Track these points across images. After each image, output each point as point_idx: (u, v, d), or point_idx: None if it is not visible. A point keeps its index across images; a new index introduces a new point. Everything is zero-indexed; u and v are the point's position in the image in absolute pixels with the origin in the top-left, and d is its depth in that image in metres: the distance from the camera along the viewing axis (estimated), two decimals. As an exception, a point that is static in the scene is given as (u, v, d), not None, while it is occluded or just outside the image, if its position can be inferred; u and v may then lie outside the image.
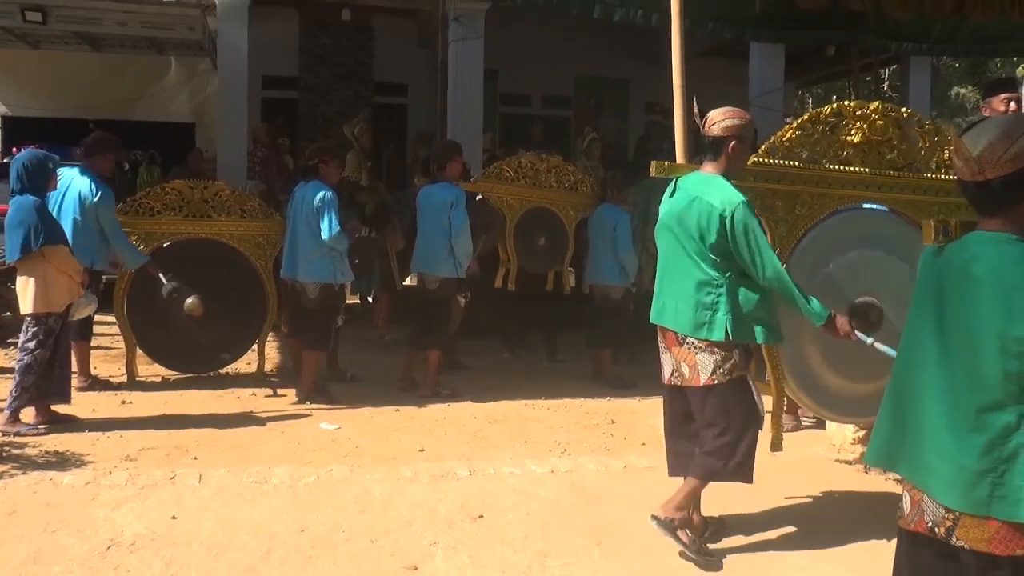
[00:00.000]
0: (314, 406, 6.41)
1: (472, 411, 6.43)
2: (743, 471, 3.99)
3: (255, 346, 7.19)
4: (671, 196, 4.04)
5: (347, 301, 7.89)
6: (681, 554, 3.92)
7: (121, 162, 11.49)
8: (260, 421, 6.02)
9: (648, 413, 6.35)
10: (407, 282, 8.55)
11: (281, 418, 6.10)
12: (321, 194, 6.46)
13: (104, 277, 6.87)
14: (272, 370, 7.44)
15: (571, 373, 7.76)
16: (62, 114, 13.49)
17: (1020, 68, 19.57)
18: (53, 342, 5.64)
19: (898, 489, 4.44)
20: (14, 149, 14.63)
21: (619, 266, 7.44)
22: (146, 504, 4.36)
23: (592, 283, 7.73)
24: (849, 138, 4.21)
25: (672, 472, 4.25)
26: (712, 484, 4.07)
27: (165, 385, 6.94)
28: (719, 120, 3.92)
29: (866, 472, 5.15)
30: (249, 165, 10.55)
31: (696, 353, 3.90)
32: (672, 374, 4.06)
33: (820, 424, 5.73)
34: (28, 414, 5.67)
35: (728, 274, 3.83)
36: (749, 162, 4.17)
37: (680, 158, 6.28)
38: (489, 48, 11.47)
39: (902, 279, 3.98)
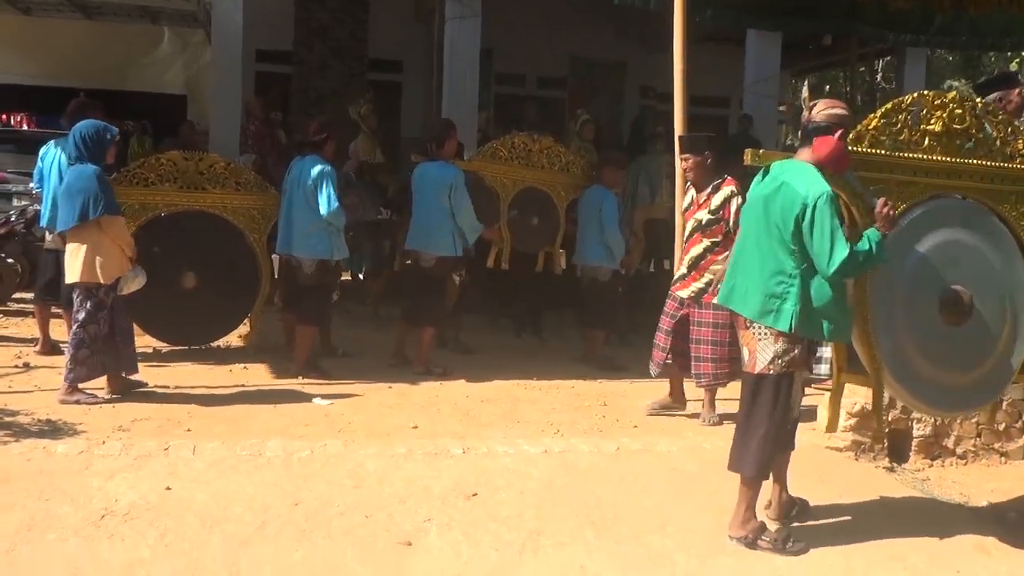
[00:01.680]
0: (307, 381, 6.40)
1: (465, 390, 6.44)
2: (760, 467, 3.99)
3: (248, 319, 7.17)
4: (761, 180, 4.04)
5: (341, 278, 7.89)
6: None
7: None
8: (253, 395, 6.01)
9: (639, 396, 6.39)
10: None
11: (274, 392, 6.09)
12: (320, 168, 6.42)
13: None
14: (265, 344, 7.42)
15: (562, 354, 7.78)
16: (52, 82, 13.34)
17: (1014, 63, 19.62)
18: (108, 315, 5.65)
19: (885, 475, 4.44)
20: (3, 117, 14.52)
21: (606, 247, 7.44)
22: (140, 474, 4.36)
23: (580, 264, 7.76)
24: (930, 127, 4.23)
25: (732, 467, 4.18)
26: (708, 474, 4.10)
27: (156, 357, 6.91)
28: (823, 109, 3.92)
29: (856, 460, 5.21)
30: (242, 139, 10.47)
31: (759, 340, 3.92)
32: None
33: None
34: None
35: (804, 265, 3.81)
36: None
37: (678, 143, 6.32)
38: (485, 27, 11.39)
39: (988, 268, 4.06)
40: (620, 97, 15.69)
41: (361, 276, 9.49)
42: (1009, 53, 18.31)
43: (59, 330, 7.08)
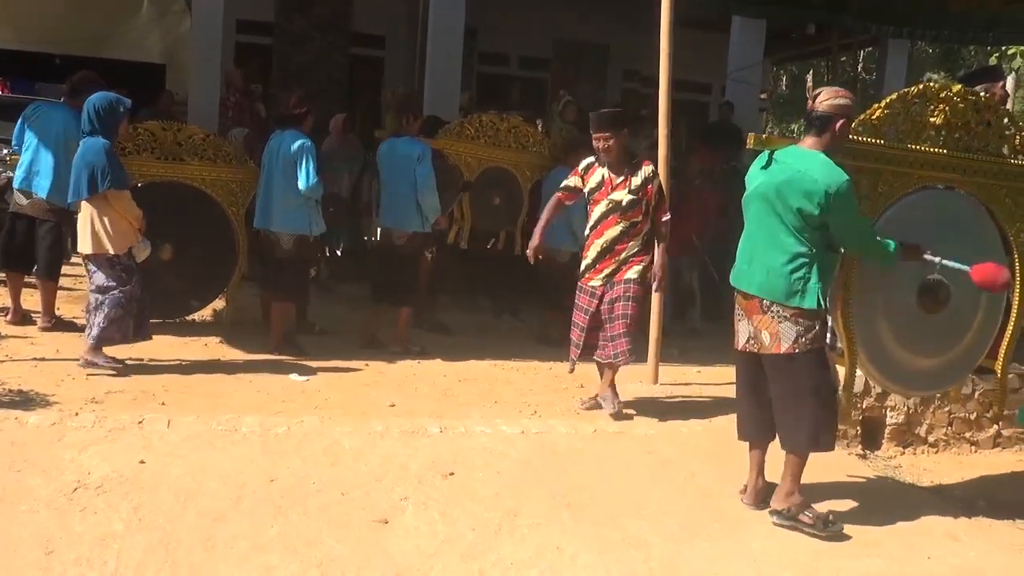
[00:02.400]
0: (283, 357, 6.36)
1: (442, 369, 6.42)
2: (827, 441, 4.09)
3: (224, 293, 7.11)
4: (764, 167, 4.08)
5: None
6: (808, 533, 3.99)
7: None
8: (228, 369, 5.96)
9: (617, 380, 6.39)
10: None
11: (250, 367, 6.05)
12: (299, 143, 6.36)
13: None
14: (242, 319, 7.35)
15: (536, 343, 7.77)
16: (27, 47, 13.09)
17: (993, 57, 19.75)
18: (139, 279, 5.74)
19: (858, 461, 4.47)
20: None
21: (568, 228, 7.33)
22: (113, 447, 4.31)
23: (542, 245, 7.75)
24: (932, 119, 4.26)
25: (742, 436, 4.36)
26: (676, 458, 4.12)
27: (131, 329, 6.82)
28: (829, 98, 3.97)
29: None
30: (221, 111, 10.35)
31: (780, 322, 3.98)
32: (748, 341, 4.15)
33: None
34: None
35: (819, 246, 3.93)
36: None
37: (662, 125, 6.32)
38: (469, 6, 11.31)
39: (968, 258, 4.09)
40: (603, 80, 15.66)
41: (339, 252, 9.43)
42: (989, 47, 18.44)
43: (31, 300, 6.99)
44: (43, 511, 3.62)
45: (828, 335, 4.08)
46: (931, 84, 4.33)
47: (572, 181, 5.55)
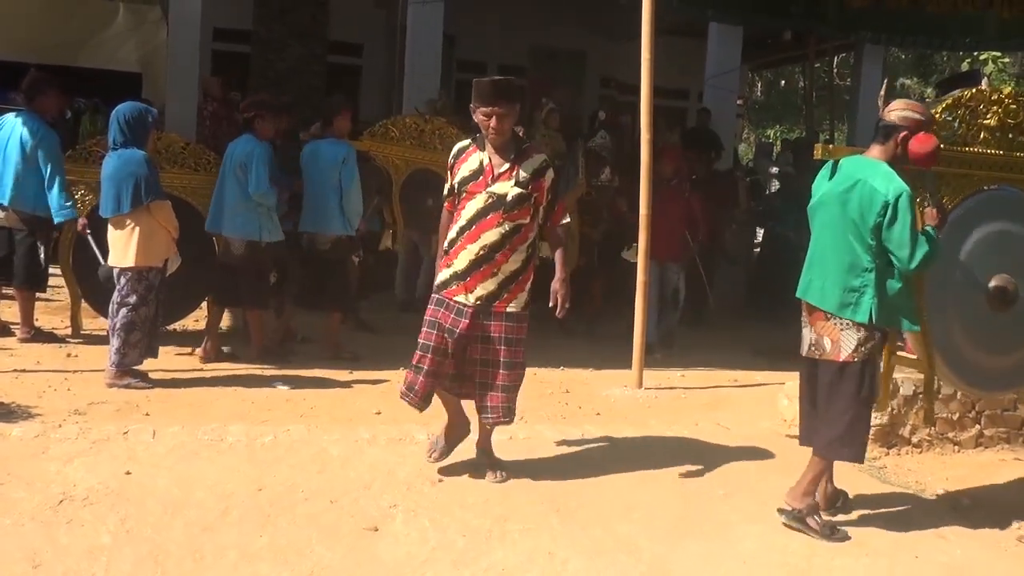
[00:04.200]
0: (266, 365, 6.32)
1: (426, 376, 6.40)
2: (858, 449, 4.12)
3: (206, 302, 7.05)
4: (830, 177, 4.13)
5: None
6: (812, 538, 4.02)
7: (63, 109, 11.12)
8: (213, 379, 5.93)
9: (601, 384, 6.42)
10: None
11: (233, 376, 6.01)
12: (250, 148, 6.27)
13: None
14: (223, 328, 7.30)
15: (529, 343, 7.76)
16: (1, 57, 12.97)
17: (965, 63, 20.00)
18: (156, 298, 5.66)
19: (843, 463, 4.51)
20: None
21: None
22: (98, 459, 4.27)
23: None
24: (986, 121, 4.32)
25: (803, 442, 4.35)
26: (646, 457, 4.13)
27: (111, 339, 6.76)
28: (899, 109, 4.04)
29: (815, 448, 5.28)
30: (199, 119, 10.29)
31: (842, 330, 4.02)
32: (810, 348, 4.17)
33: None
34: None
35: (880, 259, 3.95)
36: None
37: (644, 131, 6.36)
38: (447, 13, 11.32)
39: None
40: (580, 87, 15.72)
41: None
42: (961, 53, 18.66)
43: (9, 311, 6.92)
44: (28, 524, 3.58)
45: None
46: (983, 89, 4.41)
47: (448, 180, 4.36)
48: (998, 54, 18.47)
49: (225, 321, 7.15)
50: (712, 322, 9.03)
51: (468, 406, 4.48)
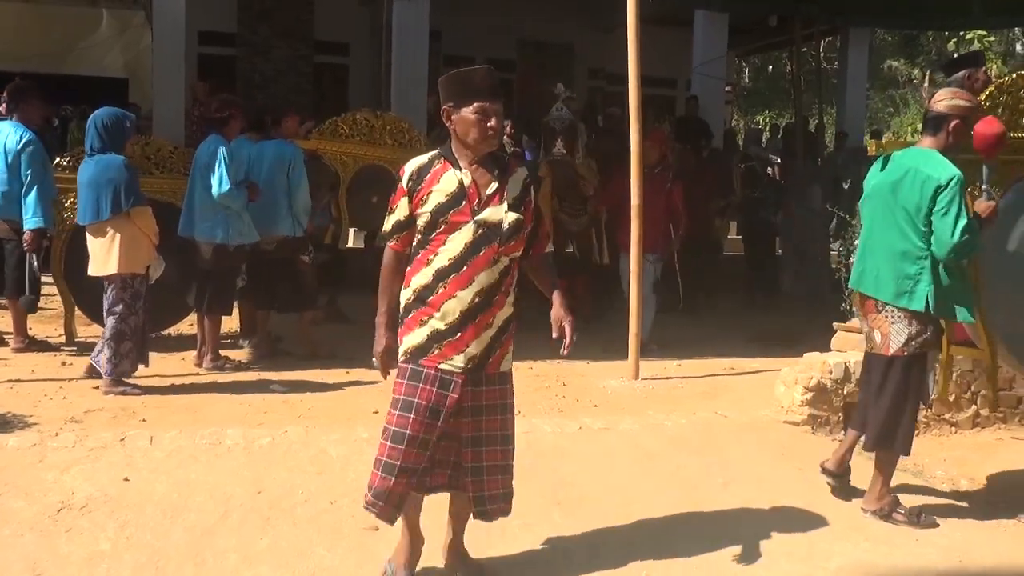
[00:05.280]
0: (262, 368, 6.31)
1: (423, 374, 6.39)
2: (907, 444, 4.15)
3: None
4: (882, 169, 4.15)
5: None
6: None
7: (50, 117, 11.09)
8: (208, 383, 5.92)
9: (597, 376, 6.43)
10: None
11: (229, 380, 6.01)
12: (215, 148, 6.17)
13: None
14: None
15: (524, 336, 7.75)
16: (-14, 65, 12.92)
17: (951, 43, 20.02)
18: (144, 305, 5.61)
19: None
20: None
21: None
22: (96, 466, 4.26)
23: None
24: None
25: (851, 425, 4.43)
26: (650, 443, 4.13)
27: (106, 346, 6.74)
28: (946, 98, 4.04)
29: (813, 433, 5.29)
30: (187, 123, 10.27)
31: (892, 323, 4.03)
32: (867, 340, 4.21)
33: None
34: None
35: (931, 247, 3.94)
36: None
37: (634, 122, 6.35)
38: (433, 9, 11.32)
39: None
40: (569, 79, 15.70)
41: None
42: (947, 33, 18.69)
43: (1, 322, 6.90)
44: (28, 534, 3.57)
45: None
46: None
47: (401, 207, 3.23)
48: (984, 33, 18.52)
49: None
50: (703, 311, 9.03)
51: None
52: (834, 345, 5.94)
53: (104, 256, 5.53)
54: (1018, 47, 22.00)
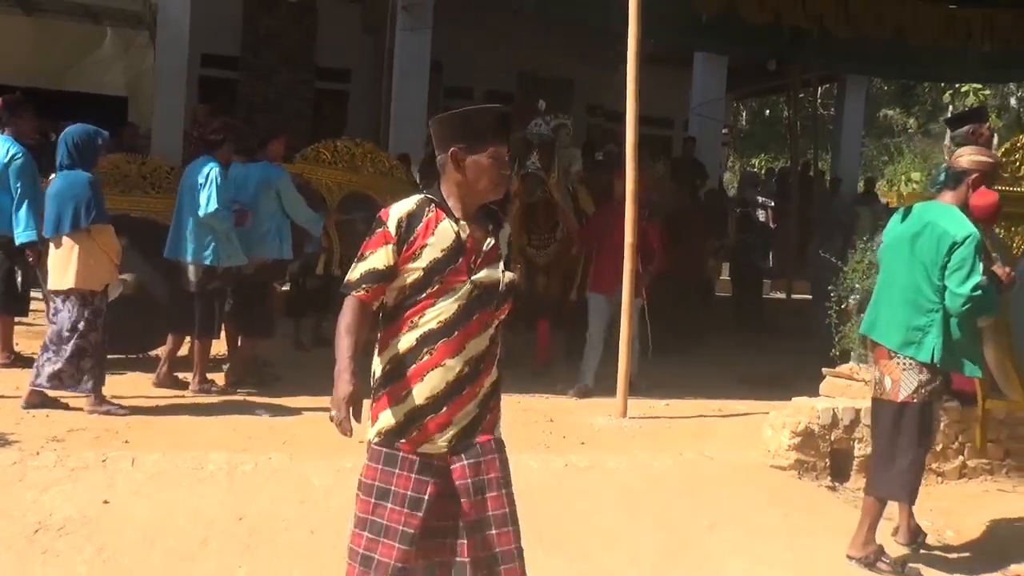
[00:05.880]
0: (249, 392, 6.28)
1: (410, 404, 6.36)
2: (914, 492, 4.21)
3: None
4: (902, 220, 4.26)
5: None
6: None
7: (47, 132, 11.09)
8: (194, 406, 5.87)
9: (585, 413, 6.40)
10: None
11: (215, 403, 5.97)
12: (206, 169, 6.14)
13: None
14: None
15: (508, 371, 7.74)
16: (-13, 79, 12.95)
17: (947, 94, 20.28)
18: (104, 323, 5.57)
19: (828, 493, 4.51)
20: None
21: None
22: (76, 487, 4.21)
23: None
24: None
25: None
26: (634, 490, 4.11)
27: (92, 365, 6.70)
28: (967, 154, 4.16)
29: (799, 479, 5.27)
30: (185, 145, 10.29)
31: (904, 370, 4.09)
32: (875, 386, 4.27)
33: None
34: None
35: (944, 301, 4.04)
36: None
37: (630, 159, 6.38)
38: (435, 40, 11.42)
39: None
40: (568, 114, 15.80)
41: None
42: (944, 84, 18.91)
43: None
44: (3, 554, 3.53)
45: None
46: None
47: (380, 256, 2.76)
48: (979, 86, 18.76)
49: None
50: (694, 350, 9.02)
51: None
52: (823, 390, 5.93)
53: (61, 271, 5.49)
54: (1012, 101, 22.27)
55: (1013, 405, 4.64)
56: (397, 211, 2.78)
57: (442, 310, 2.76)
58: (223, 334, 6.76)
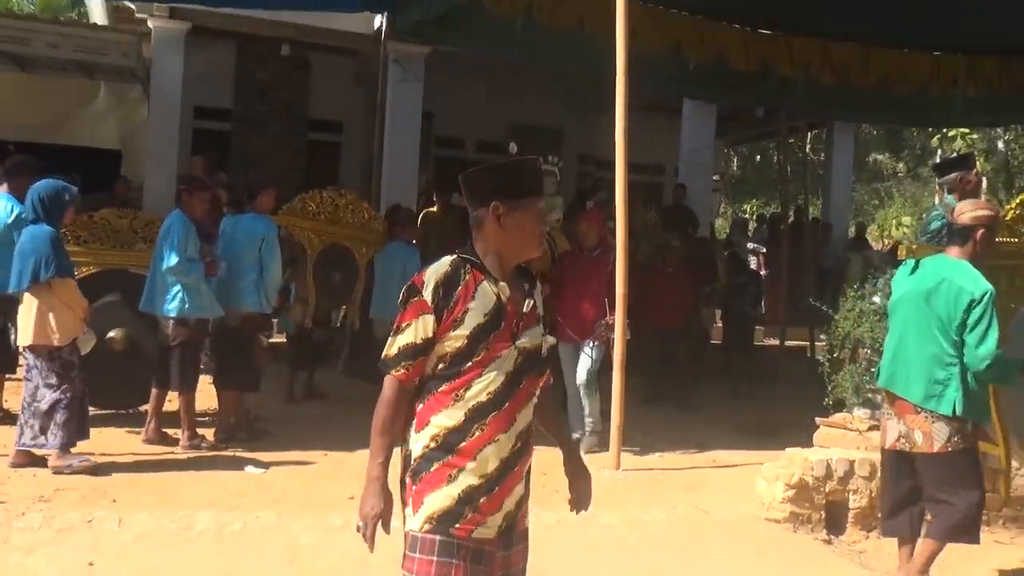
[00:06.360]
0: (239, 447, 6.22)
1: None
2: (973, 533, 4.28)
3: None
4: (911, 274, 4.37)
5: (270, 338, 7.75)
6: None
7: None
8: (183, 462, 5.83)
9: (579, 465, 6.34)
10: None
11: (205, 460, 5.91)
12: (169, 222, 6.18)
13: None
14: (197, 409, 7.20)
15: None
16: (-19, 134, 13.00)
17: (935, 139, 20.49)
18: (80, 375, 5.52)
19: (823, 547, 4.47)
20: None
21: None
22: (61, 548, 4.17)
23: (375, 317, 7.81)
24: None
25: (886, 532, 4.55)
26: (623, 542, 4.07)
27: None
28: (969, 210, 4.28)
29: (794, 531, 5.22)
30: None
31: (933, 422, 4.16)
32: (899, 439, 4.31)
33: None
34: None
35: (962, 354, 4.13)
36: None
37: (620, 206, 6.42)
38: (426, 91, 11.53)
39: None
40: (558, 162, 15.90)
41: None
42: (931, 129, 19.10)
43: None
44: (-15, 621, 3.47)
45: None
46: None
47: (418, 329, 2.52)
48: (966, 130, 18.96)
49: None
50: (689, 400, 8.98)
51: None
52: (816, 441, 5.88)
53: (24, 327, 5.47)
54: (1000, 144, 22.50)
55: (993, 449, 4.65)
56: (432, 276, 2.54)
57: (490, 381, 2.53)
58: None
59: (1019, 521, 5.61)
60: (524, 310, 2.60)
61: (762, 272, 12.51)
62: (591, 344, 6.82)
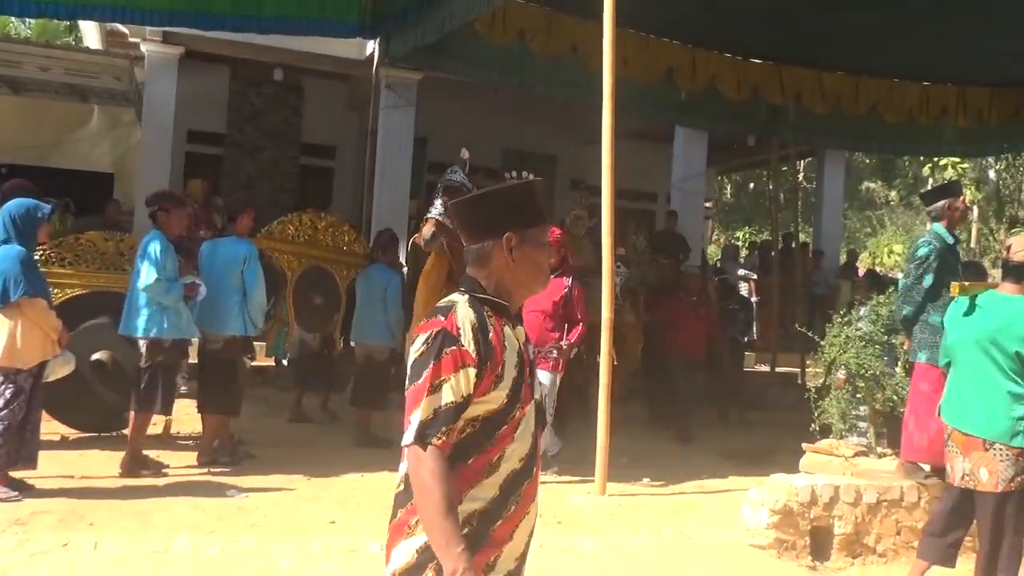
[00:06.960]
0: (221, 471, 6.17)
1: (387, 482, 6.21)
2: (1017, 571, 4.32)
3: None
4: (967, 314, 4.45)
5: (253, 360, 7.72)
6: None
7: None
8: (164, 486, 5.77)
9: (564, 490, 6.30)
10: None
11: (187, 484, 5.85)
12: (146, 241, 6.14)
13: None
14: (178, 432, 7.17)
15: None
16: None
17: (927, 167, 20.57)
18: (25, 402, 5.34)
19: (808, 573, 4.42)
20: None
21: (386, 326, 7.40)
22: (35, 573, 4.10)
23: (357, 341, 7.74)
24: None
25: (923, 556, 4.62)
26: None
27: (64, 444, 6.61)
28: (1022, 248, 4.38)
29: (779, 557, 5.17)
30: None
31: (1001, 460, 4.23)
32: (963, 477, 4.36)
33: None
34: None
35: None
36: None
37: (607, 234, 6.42)
38: (419, 116, 11.56)
39: None
40: (551, 190, 15.94)
41: (284, 363, 9.27)
42: (922, 158, 19.18)
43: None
44: (-47, 645, 3.41)
45: None
46: None
47: (459, 385, 2.12)
48: (957, 159, 19.04)
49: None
50: (690, 433, 8.93)
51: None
52: (802, 467, 5.86)
53: None
54: (991, 174, 22.61)
55: None
56: (464, 322, 2.14)
57: (520, 443, 2.19)
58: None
59: None
60: (531, 356, 2.30)
61: (753, 299, 12.48)
62: (544, 373, 6.48)
